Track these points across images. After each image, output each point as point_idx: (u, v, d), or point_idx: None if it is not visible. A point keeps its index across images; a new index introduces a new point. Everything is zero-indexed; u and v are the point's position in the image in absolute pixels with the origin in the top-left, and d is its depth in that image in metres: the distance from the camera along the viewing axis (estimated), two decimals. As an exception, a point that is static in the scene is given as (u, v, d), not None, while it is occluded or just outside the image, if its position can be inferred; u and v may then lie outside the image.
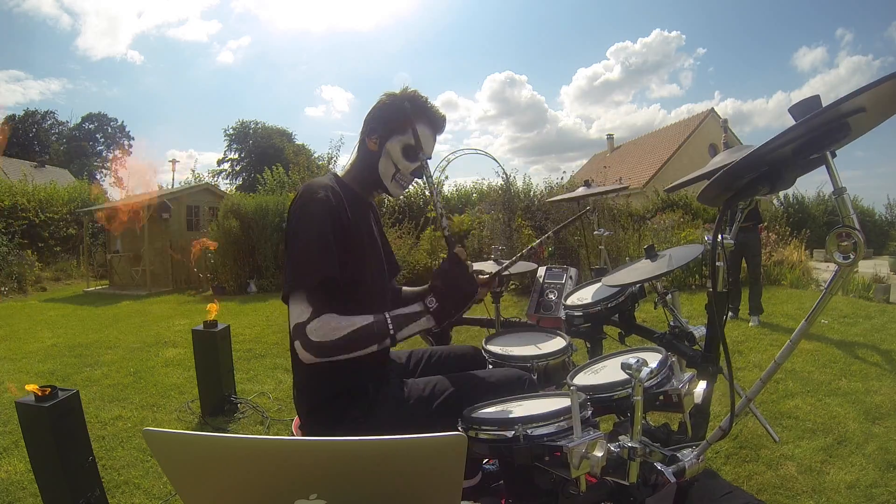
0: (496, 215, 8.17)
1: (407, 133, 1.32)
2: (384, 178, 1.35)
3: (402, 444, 0.67)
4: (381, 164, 1.34)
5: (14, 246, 11.74)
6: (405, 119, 1.31)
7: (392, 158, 1.33)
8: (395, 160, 1.33)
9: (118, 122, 37.17)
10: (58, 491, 1.96)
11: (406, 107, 1.32)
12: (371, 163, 1.34)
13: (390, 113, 1.32)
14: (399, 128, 1.32)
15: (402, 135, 1.32)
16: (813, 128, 0.78)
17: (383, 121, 1.33)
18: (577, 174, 17.43)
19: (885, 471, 2.22)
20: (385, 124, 1.32)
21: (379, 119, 1.33)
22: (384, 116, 1.33)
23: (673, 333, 1.61)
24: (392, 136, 1.32)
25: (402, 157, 1.33)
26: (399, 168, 1.34)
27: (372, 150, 1.34)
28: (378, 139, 1.33)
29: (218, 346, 3.21)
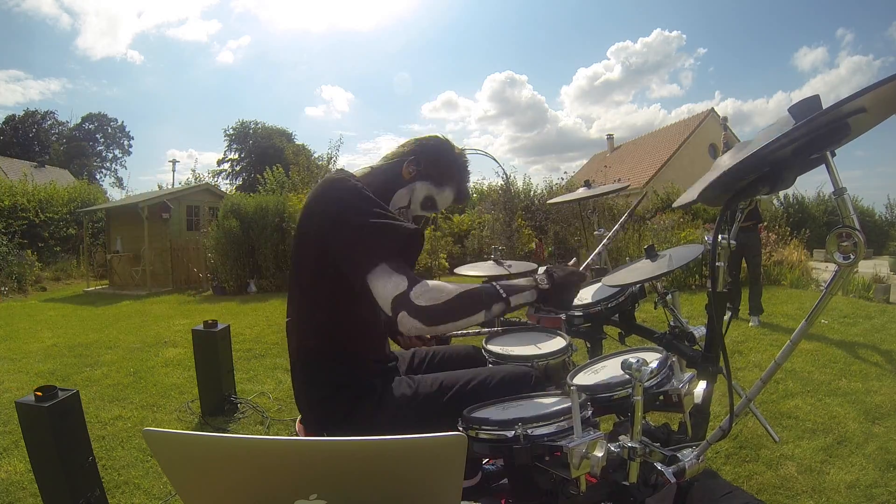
0: (496, 215, 8.18)
1: (439, 188, 1.36)
2: (392, 205, 1.34)
3: (402, 444, 0.67)
4: (400, 193, 1.35)
5: (14, 246, 11.75)
6: (447, 176, 1.36)
7: (412, 196, 1.35)
8: (413, 198, 1.36)
9: (118, 122, 37.22)
10: (58, 491, 1.96)
11: (454, 168, 1.37)
12: (393, 184, 1.34)
13: (440, 161, 1.35)
14: (437, 177, 1.36)
15: (434, 185, 1.36)
16: (814, 128, 0.78)
17: (429, 162, 1.34)
18: (578, 174, 17.44)
19: (885, 471, 2.22)
20: (428, 166, 1.34)
21: (426, 157, 1.34)
22: (433, 159, 1.34)
23: (673, 333, 1.61)
24: (427, 179, 1.35)
25: (419, 201, 1.37)
26: (411, 207, 1.37)
27: (404, 176, 1.34)
28: (415, 172, 1.34)
29: (218, 346, 3.21)
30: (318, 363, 1.28)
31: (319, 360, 1.27)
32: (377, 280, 1.07)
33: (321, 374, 1.27)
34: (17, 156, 25.44)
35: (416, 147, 1.36)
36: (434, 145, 1.36)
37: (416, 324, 1.04)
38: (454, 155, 1.38)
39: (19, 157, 24.90)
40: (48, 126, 34.49)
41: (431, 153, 1.35)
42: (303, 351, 1.30)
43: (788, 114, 0.82)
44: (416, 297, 1.04)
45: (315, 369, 1.28)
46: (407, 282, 1.06)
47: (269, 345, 4.97)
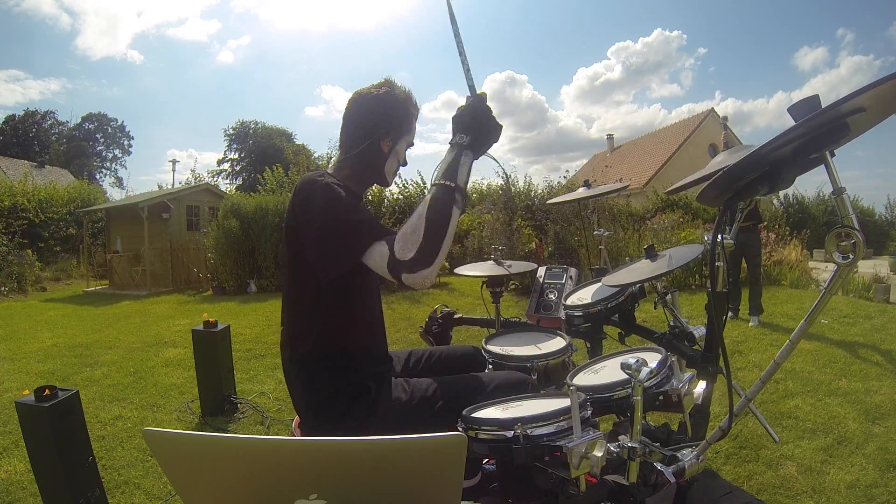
0: (496, 215, 8.17)
1: (411, 132, 1.38)
2: (388, 175, 1.38)
3: (402, 444, 0.67)
4: (388, 163, 1.37)
5: (14, 246, 11.74)
6: (410, 119, 1.37)
7: (398, 157, 1.38)
8: (399, 158, 1.39)
9: (118, 122, 37.22)
10: (58, 491, 1.96)
11: (410, 108, 1.36)
12: (377, 162, 1.35)
13: (397, 113, 1.34)
14: (406, 128, 1.37)
15: (407, 135, 1.37)
16: (813, 128, 0.78)
17: (391, 121, 1.33)
18: (578, 174, 17.43)
19: (885, 471, 2.22)
20: (394, 124, 1.34)
21: (387, 118, 1.33)
22: (392, 117, 1.33)
23: (673, 333, 1.61)
24: (401, 137, 1.36)
25: (403, 153, 1.39)
26: (400, 163, 1.40)
27: (384, 151, 1.35)
28: (391, 141, 1.34)
29: (218, 346, 3.21)
30: (311, 366, 1.28)
31: (313, 363, 1.27)
32: (368, 258, 1.12)
33: (315, 376, 1.27)
34: (17, 156, 25.43)
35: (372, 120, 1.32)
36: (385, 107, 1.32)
37: (422, 273, 1.07)
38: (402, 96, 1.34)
39: (19, 157, 24.89)
40: (48, 126, 34.50)
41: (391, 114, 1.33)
42: (297, 354, 1.30)
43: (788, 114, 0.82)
44: (400, 254, 1.08)
45: (309, 372, 1.28)
46: (387, 246, 1.10)
47: (269, 345, 4.96)
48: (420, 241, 1.07)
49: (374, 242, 1.12)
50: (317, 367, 1.27)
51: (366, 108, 1.33)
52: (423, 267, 1.07)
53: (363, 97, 1.34)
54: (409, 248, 1.07)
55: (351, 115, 1.35)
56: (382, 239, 1.12)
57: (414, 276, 1.07)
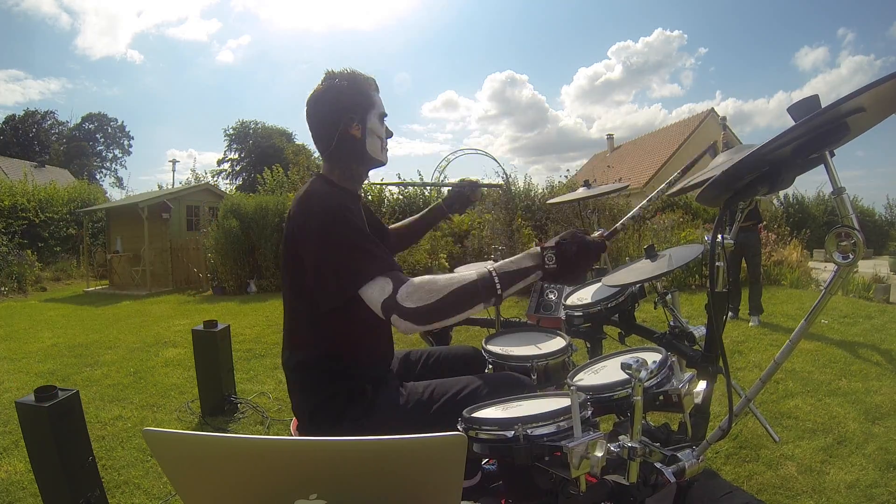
0: (496, 215, 8.17)
1: (375, 104, 1.35)
2: (376, 154, 1.36)
3: (402, 444, 0.67)
4: (369, 144, 1.34)
5: (14, 246, 11.75)
6: (366, 93, 1.34)
7: (376, 133, 1.35)
8: (378, 133, 1.35)
9: (118, 122, 37.24)
10: (58, 491, 1.96)
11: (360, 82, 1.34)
12: (359, 150, 1.34)
13: (351, 95, 1.32)
14: (368, 103, 1.33)
15: (372, 108, 1.34)
16: (812, 128, 0.78)
17: (351, 106, 1.31)
18: (578, 174, 17.44)
19: (885, 471, 2.22)
20: (354, 108, 1.32)
21: (345, 106, 1.31)
22: (349, 102, 1.31)
23: (673, 333, 1.61)
24: (366, 114, 1.33)
25: (380, 126, 1.36)
26: (382, 137, 1.37)
27: (358, 136, 1.32)
28: (359, 123, 1.32)
29: (218, 346, 3.21)
30: (311, 371, 1.28)
31: (311, 366, 1.27)
32: (365, 292, 1.09)
33: (313, 381, 1.27)
34: (17, 156, 25.44)
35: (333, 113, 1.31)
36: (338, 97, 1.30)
37: (410, 325, 1.05)
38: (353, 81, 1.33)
39: (19, 157, 24.89)
40: (48, 126, 34.50)
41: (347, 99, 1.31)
42: (294, 356, 1.30)
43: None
44: (402, 298, 1.05)
45: (308, 377, 1.28)
46: (392, 284, 1.07)
47: (269, 345, 4.97)
48: (431, 302, 1.05)
49: (377, 277, 1.08)
50: (315, 371, 1.27)
51: (320, 106, 1.33)
52: (416, 322, 1.05)
53: (313, 97, 1.34)
54: (416, 301, 1.05)
55: (312, 119, 1.34)
56: (387, 274, 1.08)
57: (402, 321, 1.05)
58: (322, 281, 1.16)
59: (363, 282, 1.09)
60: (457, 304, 1.06)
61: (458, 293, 1.06)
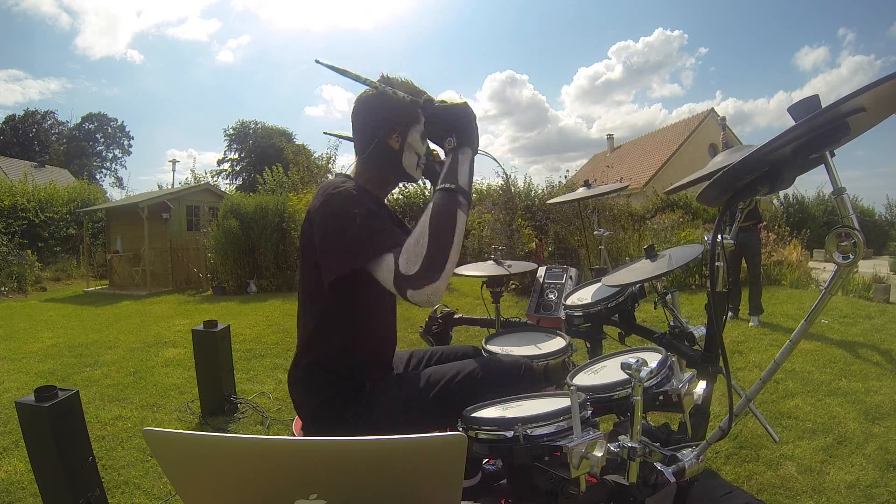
0: (496, 215, 8.17)
1: (419, 121, 1.32)
2: (410, 170, 1.34)
3: (402, 444, 0.67)
4: (406, 158, 1.32)
5: (14, 246, 11.74)
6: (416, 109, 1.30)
7: (414, 149, 1.33)
8: (416, 150, 1.33)
9: (118, 122, 37.23)
10: (58, 491, 1.95)
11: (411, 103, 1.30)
12: (393, 161, 1.32)
13: (400, 106, 1.29)
14: (413, 118, 1.31)
15: (417, 124, 1.32)
16: (813, 128, 0.78)
17: (396, 116, 1.30)
18: (578, 174, 17.43)
19: (885, 471, 2.22)
20: (398, 118, 1.31)
21: (390, 114, 1.30)
22: (395, 111, 1.30)
23: (673, 333, 1.61)
24: (409, 128, 1.31)
25: (420, 144, 1.34)
26: (420, 155, 1.34)
27: (395, 148, 1.32)
28: (399, 136, 1.31)
29: (218, 346, 3.21)
30: (313, 366, 1.28)
31: (315, 365, 1.28)
32: (377, 271, 1.07)
33: (316, 379, 1.28)
34: (17, 156, 25.44)
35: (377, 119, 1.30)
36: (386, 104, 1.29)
37: (428, 289, 1.00)
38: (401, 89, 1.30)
39: (19, 157, 24.89)
40: (48, 126, 34.49)
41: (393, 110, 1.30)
42: (300, 351, 1.31)
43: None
44: (405, 267, 1.01)
45: (308, 373, 1.29)
46: (393, 259, 1.04)
47: (269, 345, 4.97)
48: (424, 251, 1.01)
49: (384, 253, 1.05)
50: (320, 373, 1.28)
51: (366, 109, 1.32)
52: (429, 282, 1.00)
53: (361, 99, 1.32)
54: (414, 262, 1.01)
55: (356, 120, 1.33)
56: (392, 251, 1.05)
57: (419, 292, 1.00)
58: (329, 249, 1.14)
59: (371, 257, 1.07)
60: (443, 231, 1.03)
61: (435, 222, 1.03)
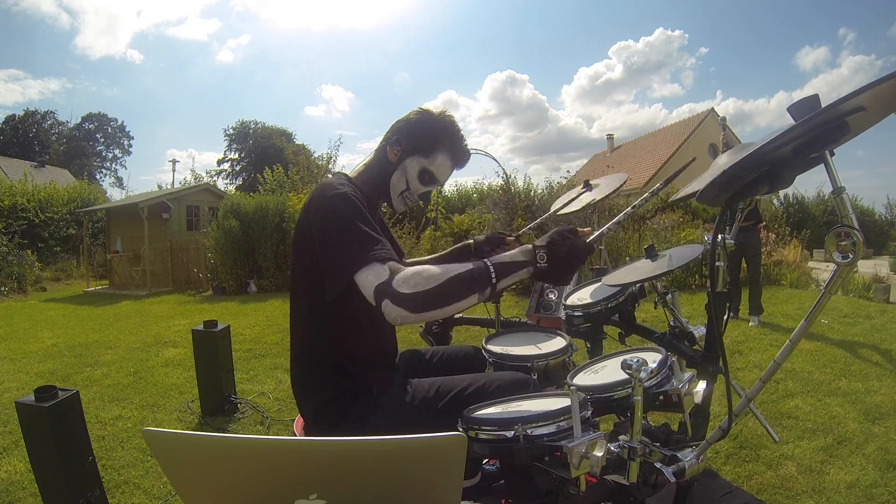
0: (497, 215, 8.17)
1: (429, 157, 1.30)
2: (392, 191, 1.33)
3: (402, 444, 0.67)
4: (395, 176, 1.31)
5: (14, 246, 11.75)
6: (433, 143, 1.30)
7: (406, 175, 1.31)
8: (408, 178, 1.31)
9: (118, 122, 37.26)
10: (58, 491, 1.95)
11: (438, 132, 1.30)
12: (385, 172, 1.32)
13: (421, 131, 1.30)
14: (424, 149, 1.30)
15: (423, 157, 1.30)
16: (812, 127, 0.78)
17: (411, 136, 1.30)
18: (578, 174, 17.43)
19: (885, 471, 2.22)
20: (411, 140, 1.30)
21: (407, 133, 1.30)
22: (414, 133, 1.30)
23: (673, 333, 1.60)
24: (414, 154, 1.30)
25: (416, 178, 1.31)
26: (410, 187, 1.32)
27: (391, 160, 1.31)
28: (400, 152, 1.30)
29: (218, 346, 3.21)
30: (314, 366, 1.28)
31: (316, 363, 1.28)
32: (360, 278, 1.06)
33: (317, 376, 1.28)
34: (17, 156, 25.45)
35: (395, 128, 1.32)
36: (413, 119, 1.32)
37: (401, 312, 1.00)
38: (435, 119, 1.31)
39: (19, 157, 24.90)
40: (48, 126, 34.51)
41: (411, 127, 1.31)
42: (300, 354, 1.31)
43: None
44: (398, 284, 1.01)
45: (311, 372, 1.28)
46: (389, 271, 1.03)
47: (269, 345, 4.97)
48: (429, 288, 1.00)
49: (374, 263, 1.05)
50: (320, 371, 1.27)
51: (404, 122, 1.33)
52: (408, 309, 1.00)
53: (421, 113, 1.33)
54: (413, 286, 1.00)
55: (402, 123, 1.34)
56: (385, 263, 1.05)
57: (394, 308, 1.00)
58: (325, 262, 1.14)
59: (360, 264, 1.05)
60: (454, 291, 1.02)
61: (455, 280, 1.03)
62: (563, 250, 1.09)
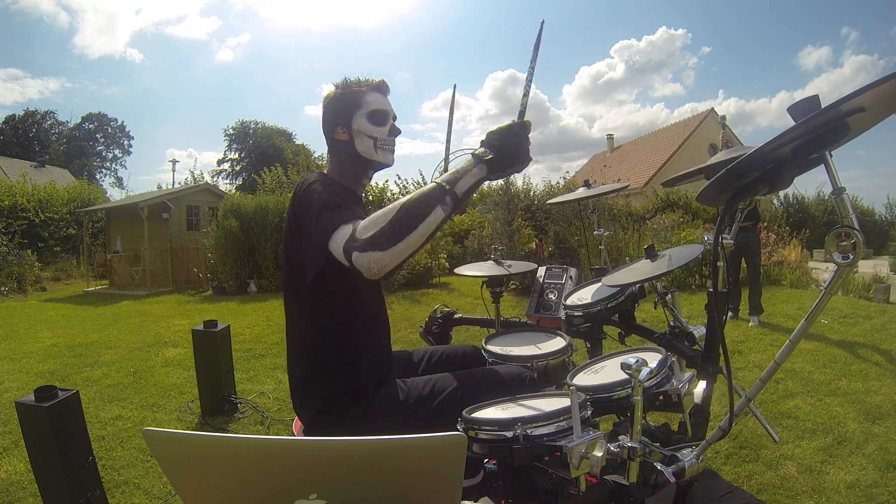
0: (496, 215, 8.18)
1: (362, 106, 1.34)
2: (369, 155, 1.35)
3: (402, 444, 0.67)
4: (358, 145, 1.34)
5: (14, 246, 11.75)
6: (353, 96, 1.34)
7: (365, 133, 1.33)
8: (368, 133, 1.33)
9: (118, 122, 37.24)
10: (58, 491, 1.96)
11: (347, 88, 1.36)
12: (349, 152, 1.35)
13: (340, 101, 1.35)
14: (352, 106, 1.34)
15: (359, 109, 1.34)
16: (813, 128, 0.78)
17: (337, 111, 1.35)
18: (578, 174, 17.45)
19: (885, 471, 2.22)
20: (339, 113, 1.34)
21: (332, 113, 1.36)
22: (335, 108, 1.35)
23: (673, 333, 1.61)
24: (351, 116, 1.33)
25: (371, 126, 1.34)
26: (376, 136, 1.34)
27: (344, 140, 1.34)
28: (343, 127, 1.34)
29: (218, 346, 3.21)
30: (310, 368, 1.28)
31: (312, 365, 1.28)
32: (331, 244, 1.06)
33: (314, 377, 1.28)
34: (17, 156, 25.46)
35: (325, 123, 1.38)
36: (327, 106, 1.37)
37: (372, 255, 0.98)
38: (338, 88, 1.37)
39: (19, 157, 24.91)
40: (48, 126, 34.51)
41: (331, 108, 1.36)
42: (296, 354, 1.31)
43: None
44: (360, 233, 1.01)
45: (308, 373, 1.29)
46: (351, 227, 1.04)
47: (269, 345, 4.97)
48: (385, 223, 0.99)
49: (341, 225, 1.05)
50: (316, 373, 1.27)
51: (323, 113, 1.38)
52: (375, 249, 0.97)
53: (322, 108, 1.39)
54: (371, 228, 1.00)
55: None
56: (351, 223, 1.05)
57: (363, 255, 0.98)
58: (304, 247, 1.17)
59: (328, 234, 1.06)
60: (413, 213, 1.01)
61: (409, 204, 1.02)
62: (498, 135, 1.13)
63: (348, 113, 1.34)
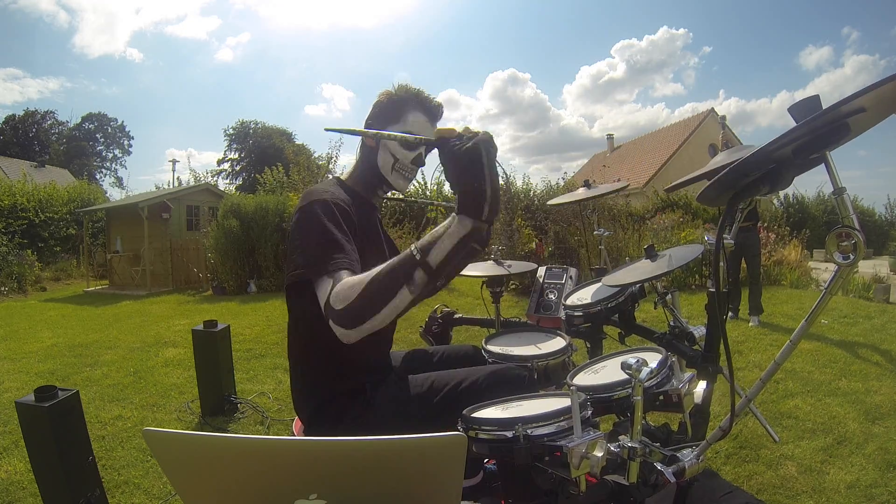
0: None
1: (400, 122, 1.30)
2: (384, 171, 1.32)
3: (402, 444, 0.67)
4: (380, 157, 1.31)
5: (14, 246, 11.75)
6: (399, 108, 1.31)
7: (389, 149, 1.30)
8: (392, 150, 1.30)
9: (118, 122, 37.24)
10: (58, 491, 1.95)
11: (399, 97, 1.32)
12: (371, 160, 1.33)
13: (384, 106, 1.32)
14: (393, 118, 1.31)
15: (396, 123, 1.30)
16: (813, 128, 0.78)
17: (377, 115, 1.32)
18: (578, 174, 17.45)
19: (885, 471, 2.22)
20: (378, 118, 1.32)
21: (374, 115, 1.33)
22: (379, 111, 1.33)
23: (673, 333, 1.61)
24: (386, 127, 1.31)
25: (398, 146, 1.30)
26: (397, 158, 1.30)
27: (370, 146, 1.33)
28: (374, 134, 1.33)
29: (218, 346, 3.21)
30: (309, 366, 1.28)
31: (311, 364, 1.28)
32: (317, 289, 1.03)
33: (313, 377, 1.28)
34: (17, 156, 25.46)
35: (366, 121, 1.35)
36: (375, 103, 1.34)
37: (342, 331, 0.94)
38: (394, 91, 1.32)
39: (19, 157, 24.91)
40: (48, 126, 34.51)
41: (376, 109, 1.33)
42: (295, 354, 1.31)
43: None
44: (334, 302, 0.96)
45: (307, 373, 1.29)
46: (330, 286, 0.99)
47: (269, 345, 4.97)
48: (353, 299, 0.93)
49: (324, 276, 1.01)
50: (312, 368, 1.28)
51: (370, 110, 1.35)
52: (342, 326, 0.94)
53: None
54: (340, 302, 0.94)
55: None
56: (332, 275, 1.00)
57: (333, 326, 0.95)
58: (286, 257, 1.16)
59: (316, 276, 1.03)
60: (379, 290, 0.92)
61: (376, 279, 0.93)
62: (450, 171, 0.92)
63: (384, 122, 1.31)
